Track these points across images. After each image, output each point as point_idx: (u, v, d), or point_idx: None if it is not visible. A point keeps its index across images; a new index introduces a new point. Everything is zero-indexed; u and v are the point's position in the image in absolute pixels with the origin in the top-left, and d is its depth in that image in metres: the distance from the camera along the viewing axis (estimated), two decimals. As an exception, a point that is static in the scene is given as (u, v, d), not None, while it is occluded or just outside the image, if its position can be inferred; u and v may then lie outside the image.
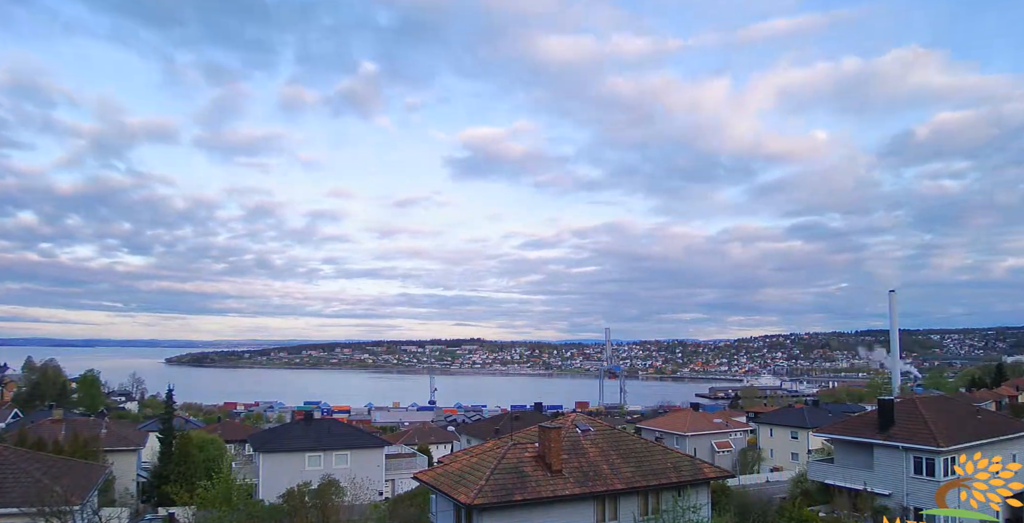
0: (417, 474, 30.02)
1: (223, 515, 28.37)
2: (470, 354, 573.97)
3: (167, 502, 45.72)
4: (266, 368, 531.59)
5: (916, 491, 37.30)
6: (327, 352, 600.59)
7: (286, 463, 49.31)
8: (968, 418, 42.48)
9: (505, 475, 24.11)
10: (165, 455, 55.48)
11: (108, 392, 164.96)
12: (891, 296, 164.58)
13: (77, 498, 26.20)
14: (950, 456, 35.99)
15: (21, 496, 25.26)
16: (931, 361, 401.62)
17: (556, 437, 25.53)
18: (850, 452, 42.58)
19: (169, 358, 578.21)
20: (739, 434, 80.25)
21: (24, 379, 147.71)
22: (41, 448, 38.98)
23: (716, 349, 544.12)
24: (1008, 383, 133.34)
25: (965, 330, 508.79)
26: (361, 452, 53.19)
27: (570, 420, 29.74)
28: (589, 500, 25.10)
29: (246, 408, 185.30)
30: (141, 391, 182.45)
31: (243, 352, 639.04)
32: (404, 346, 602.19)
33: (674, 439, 73.26)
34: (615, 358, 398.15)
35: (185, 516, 34.23)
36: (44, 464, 29.21)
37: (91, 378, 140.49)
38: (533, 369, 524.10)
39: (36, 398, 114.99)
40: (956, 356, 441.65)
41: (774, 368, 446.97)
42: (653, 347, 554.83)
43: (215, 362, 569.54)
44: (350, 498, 35.34)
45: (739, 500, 38.53)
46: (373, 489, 45.39)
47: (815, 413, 76.37)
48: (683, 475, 27.16)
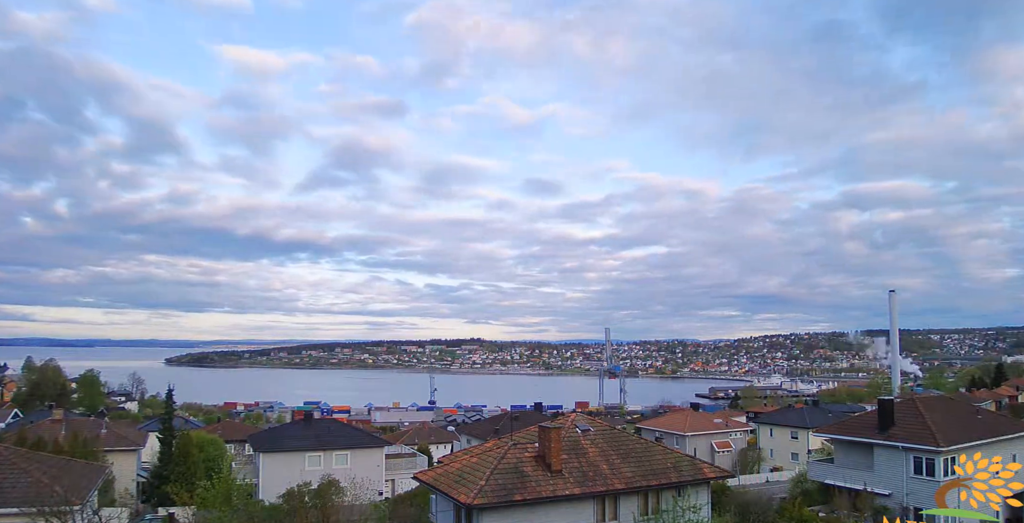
0: (417, 474, 30.05)
1: (223, 515, 28.37)
2: (470, 354, 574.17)
3: (167, 502, 45.68)
4: (266, 367, 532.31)
5: (916, 491, 37.30)
6: (327, 352, 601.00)
7: (286, 463, 49.25)
8: (968, 418, 42.49)
9: (505, 475, 24.12)
10: (165, 455, 55.42)
11: (108, 392, 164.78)
12: (891, 296, 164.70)
13: (77, 498, 26.19)
14: (950, 456, 35.98)
15: (21, 496, 25.25)
16: (931, 361, 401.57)
17: (556, 437, 25.53)
18: (850, 452, 42.59)
19: (169, 358, 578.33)
20: (739, 434, 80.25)
21: (24, 379, 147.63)
22: (41, 448, 38.95)
23: (716, 349, 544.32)
24: (1008, 383, 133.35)
25: (965, 330, 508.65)
26: (361, 452, 53.15)
27: (570, 420, 29.74)
28: (589, 500, 25.11)
29: (246, 408, 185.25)
30: (141, 391, 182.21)
31: (243, 352, 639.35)
32: (404, 346, 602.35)
33: (674, 439, 73.26)
34: (615, 358, 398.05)
35: (185, 516, 34.21)
36: (44, 464, 29.20)
37: (91, 378, 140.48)
38: (533, 369, 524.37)
39: (36, 398, 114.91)
40: (956, 356, 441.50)
41: (780, 367, 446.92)
42: (653, 347, 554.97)
43: (215, 362, 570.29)
44: (350, 498, 35.31)
45: (739, 500, 38.52)
46: (373, 489, 45.37)
47: (815, 413, 76.33)
48: (683, 475, 27.17)
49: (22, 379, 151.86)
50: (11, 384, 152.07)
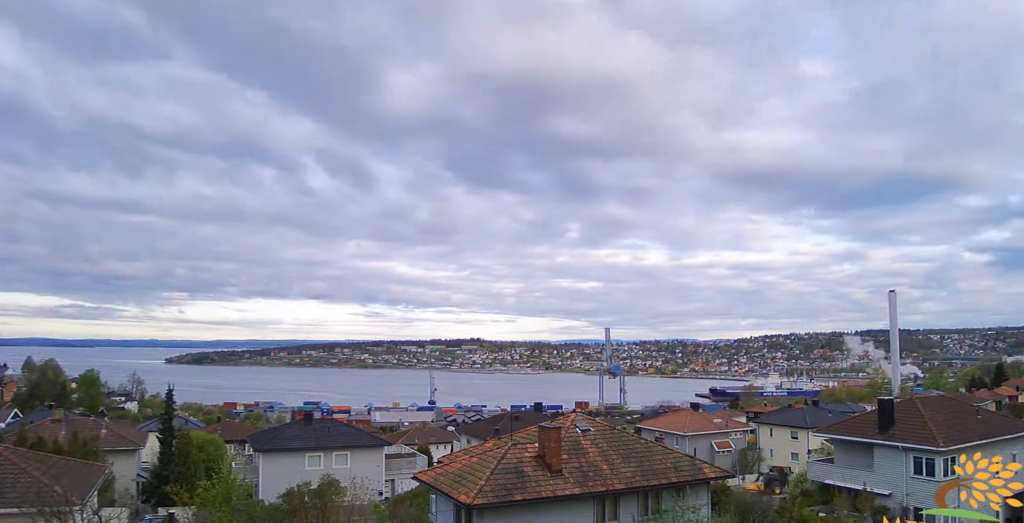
0: (417, 474, 30.04)
1: (223, 515, 28.33)
2: (470, 354, 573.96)
3: (167, 502, 45.63)
4: (266, 367, 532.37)
5: (916, 491, 37.30)
6: (327, 352, 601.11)
7: (286, 463, 49.28)
8: (968, 418, 42.48)
9: (505, 475, 24.10)
10: (165, 455, 55.34)
11: (108, 392, 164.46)
12: (891, 296, 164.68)
13: (77, 498, 26.14)
14: (950, 456, 35.98)
15: (21, 496, 25.20)
16: (931, 361, 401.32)
17: (556, 437, 25.51)
18: (850, 452, 42.58)
19: (169, 358, 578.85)
20: (739, 434, 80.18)
21: (24, 379, 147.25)
22: (41, 448, 38.89)
23: (716, 349, 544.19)
24: (1008, 383, 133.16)
25: (965, 330, 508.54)
26: (361, 452, 53.16)
27: (570, 420, 29.72)
28: (589, 500, 25.09)
29: (246, 408, 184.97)
30: (141, 391, 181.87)
31: (243, 352, 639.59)
32: (404, 346, 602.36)
33: (674, 439, 73.20)
34: (615, 358, 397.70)
35: (185, 516, 34.16)
36: (44, 464, 29.15)
37: (91, 378, 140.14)
38: (533, 369, 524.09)
39: (36, 398, 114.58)
40: (956, 356, 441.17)
41: (777, 367, 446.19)
42: (653, 347, 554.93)
43: (215, 362, 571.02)
44: (350, 498, 35.32)
45: (739, 500, 38.53)
46: (373, 489, 45.35)
47: (815, 413, 76.28)
48: (683, 475, 27.15)
49: (22, 379, 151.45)
50: (11, 384, 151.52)
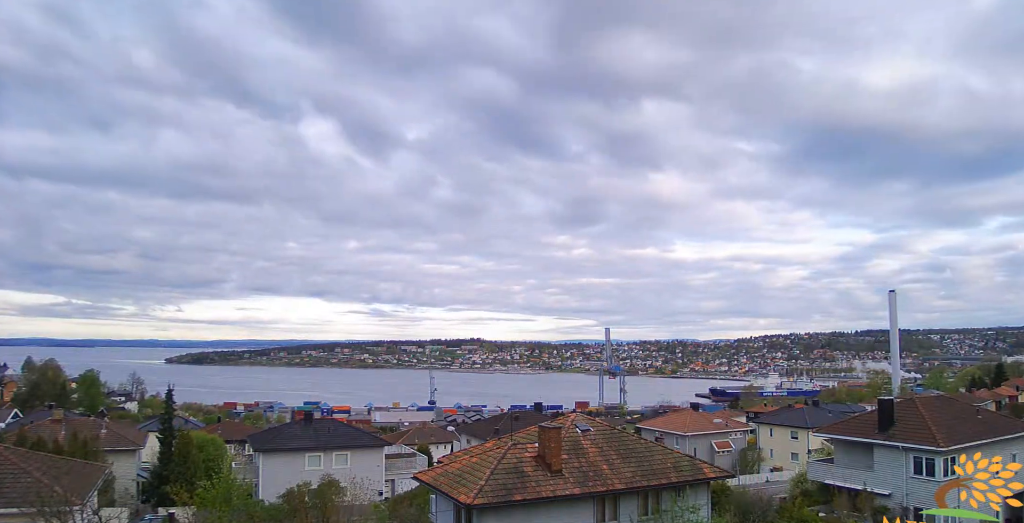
0: (417, 474, 30.04)
1: (223, 515, 28.34)
2: (470, 354, 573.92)
3: (167, 502, 45.70)
4: (266, 367, 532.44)
5: (916, 491, 37.30)
6: (327, 352, 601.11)
7: (286, 463, 49.28)
8: (968, 418, 42.46)
9: (505, 475, 24.10)
10: (165, 455, 55.39)
11: (108, 392, 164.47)
12: (891, 296, 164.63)
13: (77, 498, 26.17)
14: (950, 456, 35.97)
15: (21, 496, 25.21)
16: (931, 361, 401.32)
17: (556, 437, 25.51)
18: (850, 452, 42.57)
19: (169, 358, 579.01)
20: (739, 434, 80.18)
21: (24, 379, 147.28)
22: (41, 448, 38.90)
23: (716, 349, 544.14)
24: (1008, 383, 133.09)
25: (965, 330, 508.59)
26: (361, 452, 53.16)
27: (570, 420, 29.71)
28: (589, 500, 25.09)
29: (246, 408, 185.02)
30: (141, 391, 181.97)
31: (243, 352, 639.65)
32: (404, 346, 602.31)
33: (674, 439, 73.19)
34: (615, 358, 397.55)
35: (185, 516, 34.18)
36: (44, 464, 29.16)
37: (91, 378, 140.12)
38: (533, 369, 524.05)
39: (36, 398, 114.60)
40: (956, 356, 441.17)
41: (777, 367, 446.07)
42: (653, 347, 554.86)
43: (215, 362, 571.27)
44: (350, 498, 35.34)
45: (739, 500, 38.53)
46: (373, 489, 45.36)
47: (815, 413, 76.30)
48: (683, 475, 27.16)
49: (22, 379, 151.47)
50: (11, 384, 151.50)
